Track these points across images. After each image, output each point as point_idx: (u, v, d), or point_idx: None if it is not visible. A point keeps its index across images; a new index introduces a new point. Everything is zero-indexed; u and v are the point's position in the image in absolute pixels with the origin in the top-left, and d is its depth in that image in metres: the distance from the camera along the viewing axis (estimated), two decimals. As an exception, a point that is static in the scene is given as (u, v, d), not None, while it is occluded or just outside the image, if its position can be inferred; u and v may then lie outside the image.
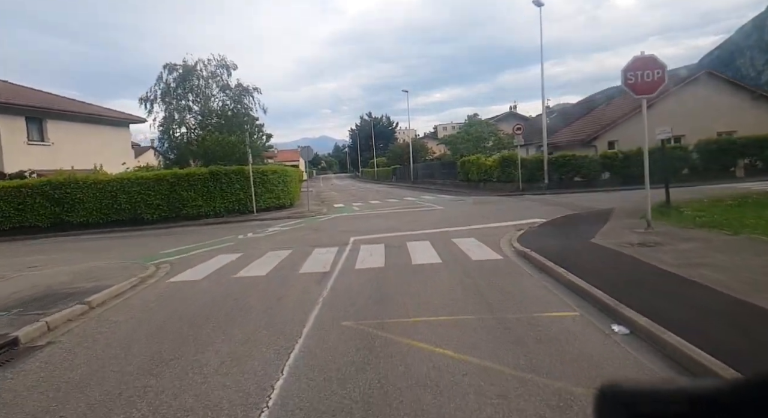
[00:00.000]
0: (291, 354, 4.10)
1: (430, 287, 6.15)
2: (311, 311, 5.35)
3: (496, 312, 4.96)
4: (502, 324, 4.57)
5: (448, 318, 4.87)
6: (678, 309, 4.37)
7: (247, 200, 17.91)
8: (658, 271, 5.83)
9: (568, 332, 4.26)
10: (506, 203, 17.89)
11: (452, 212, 16.04)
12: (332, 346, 4.24)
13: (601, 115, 28.56)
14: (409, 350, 4.04)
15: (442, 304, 5.39)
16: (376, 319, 4.93)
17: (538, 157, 23.23)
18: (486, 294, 5.67)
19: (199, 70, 34.09)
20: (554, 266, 6.50)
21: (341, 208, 21.28)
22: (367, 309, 5.35)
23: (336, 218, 16.29)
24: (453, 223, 12.82)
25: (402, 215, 15.81)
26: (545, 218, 12.32)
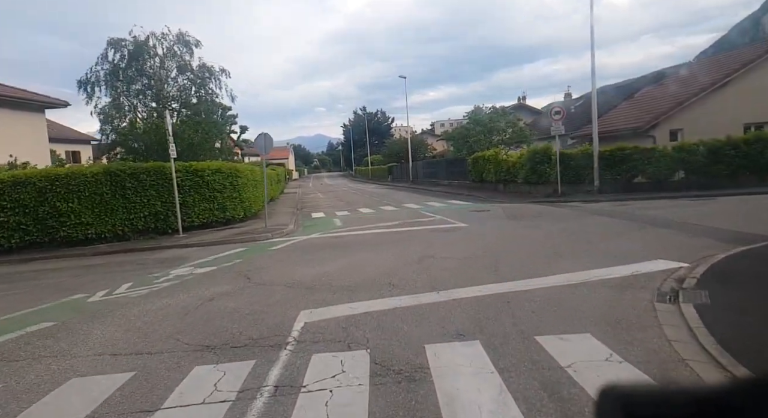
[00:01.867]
0: None
1: None
2: None
3: None
4: None
5: None
6: None
7: (167, 214, 11.86)
8: None
9: None
10: (560, 218, 11.90)
11: (485, 234, 10.03)
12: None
13: (650, 99, 22.65)
14: None
15: None
16: None
17: (584, 152, 17.30)
18: None
19: (152, 45, 27.90)
20: None
21: (317, 222, 15.23)
22: None
23: (297, 248, 10.25)
24: (502, 266, 6.84)
25: (404, 242, 9.79)
26: (675, 255, 6.49)
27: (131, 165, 11.86)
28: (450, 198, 21.58)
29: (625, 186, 16.66)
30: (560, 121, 17.75)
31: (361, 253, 8.70)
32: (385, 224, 12.80)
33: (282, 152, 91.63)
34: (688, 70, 22.74)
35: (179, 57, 28.86)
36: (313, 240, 10.81)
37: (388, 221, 13.46)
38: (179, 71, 29.12)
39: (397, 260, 7.78)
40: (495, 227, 11.02)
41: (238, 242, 10.93)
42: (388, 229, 11.83)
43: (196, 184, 12.52)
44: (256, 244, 10.68)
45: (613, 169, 16.61)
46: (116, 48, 27.64)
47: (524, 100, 52.20)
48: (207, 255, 9.49)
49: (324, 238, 11.04)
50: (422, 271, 6.90)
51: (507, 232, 10.08)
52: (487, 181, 23.95)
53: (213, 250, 10.10)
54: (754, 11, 44.91)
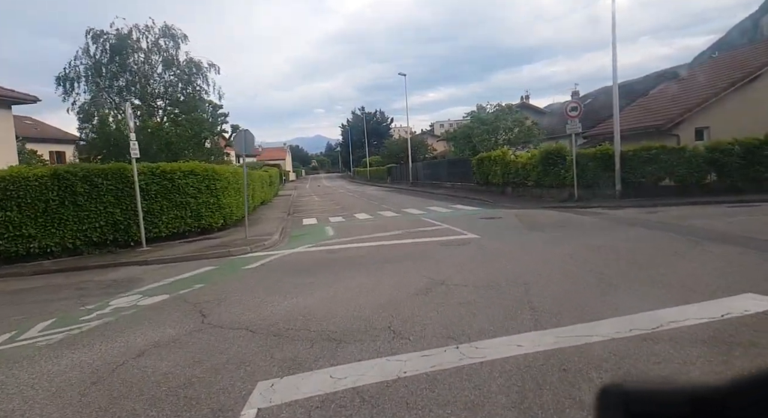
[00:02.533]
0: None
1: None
2: None
3: None
4: None
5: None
6: None
7: (129, 224, 10.13)
8: None
9: None
10: (589, 229, 10.21)
11: (504, 251, 8.32)
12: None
13: (669, 96, 20.99)
14: None
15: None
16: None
17: (604, 152, 15.62)
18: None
19: (135, 39, 26.17)
20: None
21: (307, 230, 13.53)
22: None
23: (276, 267, 8.55)
24: (538, 300, 5.13)
25: (407, 261, 8.09)
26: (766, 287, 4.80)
27: (84, 166, 10.13)
28: (454, 202, 19.90)
29: (650, 190, 14.98)
30: (577, 118, 16.09)
31: (353, 276, 6.98)
32: (384, 235, 11.10)
33: (279, 153, 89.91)
34: (711, 65, 21.12)
35: (165, 51, 27.22)
36: (297, 256, 9.09)
37: (387, 231, 11.75)
38: (165, 66, 27.45)
39: (399, 288, 6.07)
40: (513, 240, 9.31)
41: (208, 258, 9.21)
42: (387, 241, 10.12)
43: (165, 189, 10.80)
44: (229, 261, 8.96)
45: (636, 171, 14.94)
46: (97, 41, 25.97)
47: (527, 100, 50.58)
48: (166, 276, 7.77)
49: (311, 253, 9.33)
50: (432, 306, 5.20)
51: (530, 247, 8.36)
52: (493, 183, 22.28)
53: (175, 269, 8.37)
54: (753, 12, 44.13)
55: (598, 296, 5.25)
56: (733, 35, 51.37)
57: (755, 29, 46.38)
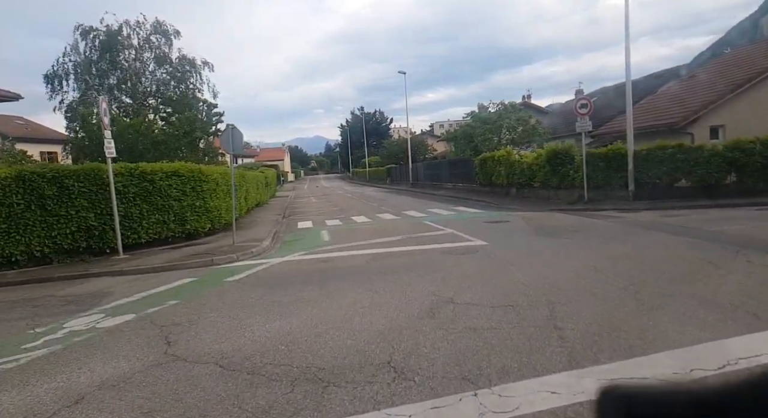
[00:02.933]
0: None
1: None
2: None
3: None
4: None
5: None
6: None
7: (104, 229, 9.27)
8: None
9: None
10: (607, 235, 9.36)
11: (517, 261, 7.45)
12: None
13: (680, 94, 20.17)
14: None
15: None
16: None
17: (616, 151, 14.77)
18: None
19: (126, 35, 25.31)
20: None
21: (301, 235, 12.68)
22: None
23: (262, 280, 7.70)
24: (567, 326, 4.28)
25: (409, 273, 7.24)
26: None
27: (53, 167, 9.27)
28: (456, 204, 19.05)
29: (664, 191, 14.13)
30: (587, 116, 15.24)
31: (347, 290, 6.12)
32: (383, 241, 10.24)
33: (277, 153, 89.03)
34: (724, 62, 20.31)
35: (157, 48, 26.37)
36: (287, 266, 8.22)
37: (387, 236, 10.90)
38: (157, 64, 26.61)
39: (400, 308, 5.22)
40: (525, 247, 8.44)
41: (190, 268, 8.34)
42: (387, 248, 9.26)
43: (145, 191, 9.93)
44: (212, 271, 8.10)
45: (651, 171, 14.09)
46: (86, 38, 25.12)
47: (529, 99, 49.78)
48: (138, 290, 6.91)
49: (303, 262, 8.46)
50: (440, 333, 4.35)
51: (546, 256, 7.50)
52: (496, 184, 21.45)
53: (151, 281, 7.51)
54: (753, 13, 43.67)
55: (638, 320, 4.40)
56: (732, 35, 51.27)
57: (755, 29, 46.10)
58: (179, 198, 10.66)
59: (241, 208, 15.69)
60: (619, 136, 19.26)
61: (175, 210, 10.51)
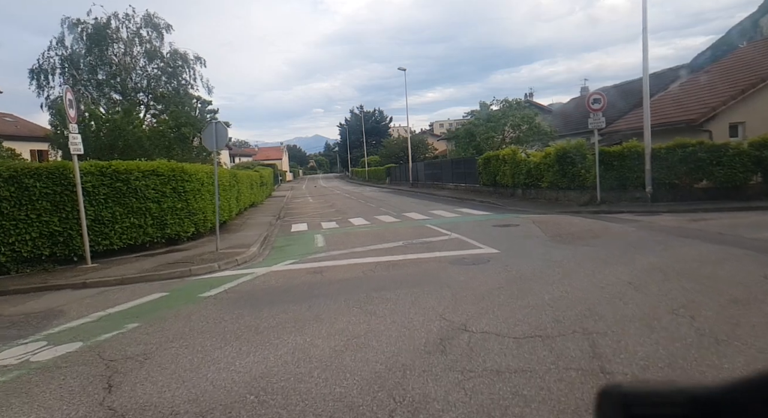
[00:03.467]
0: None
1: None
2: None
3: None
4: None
5: None
6: None
7: (71, 235, 8.29)
8: None
9: None
10: (631, 242, 8.38)
11: (536, 275, 6.47)
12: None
13: (696, 90, 19.20)
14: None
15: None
16: None
17: (631, 149, 13.81)
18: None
19: (115, 28, 24.32)
20: None
21: (293, 240, 11.72)
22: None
23: (242, 296, 6.74)
24: (616, 368, 3.31)
25: (412, 289, 6.29)
26: None
27: (11, 165, 8.25)
28: (460, 205, 18.09)
29: (685, 192, 13.18)
30: (600, 112, 14.29)
31: (338, 312, 5.15)
32: (382, 247, 9.28)
33: (275, 153, 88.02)
34: (743, 54, 19.35)
35: (147, 42, 25.39)
36: (274, 278, 7.24)
37: (386, 242, 9.93)
38: (148, 59, 25.63)
39: (402, 338, 4.25)
40: (543, 256, 7.47)
41: (163, 279, 7.37)
42: (386, 256, 8.29)
43: (118, 192, 8.95)
44: (187, 284, 7.13)
45: (670, 171, 13.13)
46: (74, 31, 24.13)
47: (531, 97, 48.84)
48: (97, 308, 5.94)
49: (291, 273, 7.49)
50: (455, 379, 3.38)
51: (570, 268, 6.53)
52: (501, 185, 20.50)
53: (115, 296, 6.54)
54: (753, 12, 43.06)
55: (704, 359, 3.44)
56: (732, 35, 50.76)
57: (755, 29, 45.46)
58: (158, 200, 9.68)
59: (230, 210, 14.72)
60: (628, 135, 18.32)
61: (153, 213, 9.54)
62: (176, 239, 10.35)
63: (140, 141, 14.84)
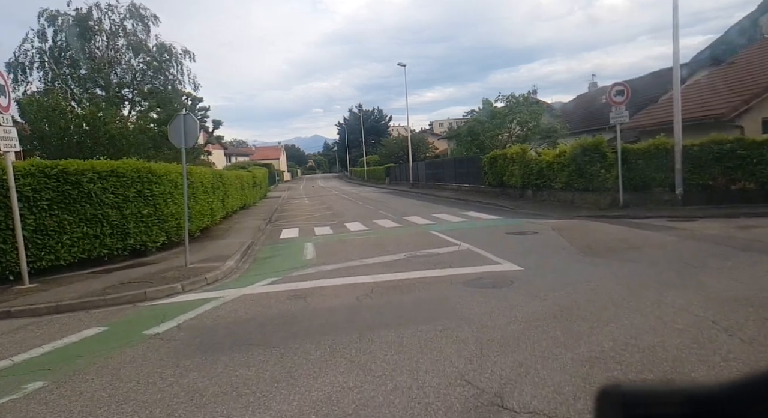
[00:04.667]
0: None
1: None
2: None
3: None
4: None
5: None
6: None
7: (2, 249, 6.86)
8: None
9: None
10: (684, 256, 6.96)
11: (577, 305, 5.05)
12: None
13: (719, 83, 17.80)
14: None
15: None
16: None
17: (658, 146, 12.40)
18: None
19: (97, 20, 22.87)
20: None
21: (279, 250, 10.31)
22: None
23: (199, 334, 5.29)
24: None
25: (420, 326, 4.88)
26: None
27: None
28: (465, 208, 16.69)
29: (721, 194, 11.77)
30: (623, 105, 12.87)
31: (322, 367, 3.73)
32: (381, 261, 7.86)
33: (273, 152, 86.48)
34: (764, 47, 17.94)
35: (133, 35, 23.94)
36: (245, 305, 5.80)
37: (386, 253, 8.51)
38: (134, 52, 24.18)
39: (410, 413, 2.84)
40: (580, 277, 6.03)
41: (110, 306, 5.94)
42: (386, 274, 6.86)
43: (66, 197, 7.52)
44: (136, 313, 5.70)
45: (703, 170, 11.73)
46: (53, 23, 22.69)
47: (535, 95, 47.35)
48: (2, 354, 4.51)
49: (269, 298, 6.05)
50: None
51: (621, 297, 5.08)
52: (508, 185, 19.10)
53: (38, 331, 5.10)
54: (752, 12, 42.24)
55: None
56: (731, 35, 50.13)
57: (754, 28, 44.63)
58: (119, 205, 8.25)
59: (213, 214, 13.30)
60: (645, 132, 16.95)
61: (112, 221, 8.11)
62: (143, 251, 8.92)
63: (114, 139, 13.37)
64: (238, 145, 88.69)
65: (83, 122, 13.46)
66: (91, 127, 13.38)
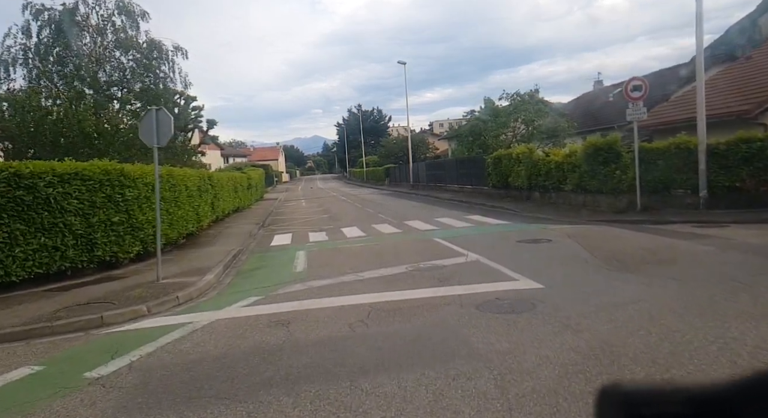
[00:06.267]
0: None
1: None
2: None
3: None
4: None
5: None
6: None
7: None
8: None
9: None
10: (745, 275, 6.01)
11: (628, 341, 4.11)
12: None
13: (737, 78, 16.89)
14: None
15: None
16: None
17: (680, 145, 11.47)
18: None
19: (84, 15, 21.92)
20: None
21: (267, 260, 9.39)
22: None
23: (147, 382, 4.34)
24: None
25: (426, 365, 3.96)
26: None
27: None
28: (469, 211, 15.77)
29: (748, 198, 10.84)
30: (641, 100, 11.96)
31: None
32: (380, 275, 6.92)
33: (271, 153, 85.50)
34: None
35: (122, 31, 22.98)
36: (215, 334, 4.84)
37: (385, 266, 7.57)
38: (124, 50, 23.22)
39: None
40: (613, 298, 5.10)
41: (56, 334, 5.01)
42: (386, 294, 5.93)
43: (19, 203, 6.58)
44: (85, 345, 4.76)
45: (730, 171, 10.80)
46: (38, 18, 21.73)
47: (537, 94, 46.38)
48: None
49: (244, 325, 5.10)
50: None
51: (671, 327, 4.15)
52: (514, 187, 18.18)
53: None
54: (751, 12, 42.05)
55: None
56: (730, 35, 49.96)
57: (754, 28, 44.42)
58: (84, 212, 7.33)
59: (200, 219, 12.37)
60: (658, 132, 16.05)
61: (75, 230, 7.18)
62: (113, 263, 7.99)
63: (89, 138, 12.35)
64: (236, 146, 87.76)
65: (55, 119, 12.38)
66: (64, 125, 12.38)
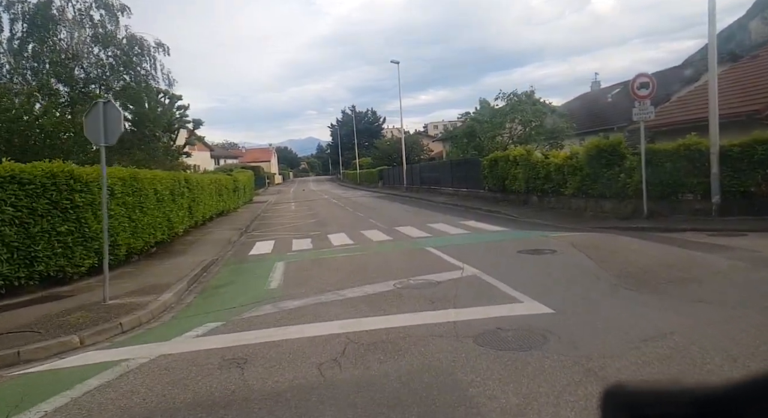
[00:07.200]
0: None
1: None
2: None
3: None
4: None
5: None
6: None
7: None
8: None
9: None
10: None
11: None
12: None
13: (743, 78, 16.20)
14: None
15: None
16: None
17: (689, 147, 10.67)
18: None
19: (60, 8, 20.85)
20: None
21: (244, 272, 8.46)
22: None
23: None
24: None
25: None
26: None
27: None
28: (464, 216, 14.91)
29: (762, 204, 10.05)
30: (649, 99, 11.16)
31: None
32: (363, 294, 6.00)
33: (263, 154, 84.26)
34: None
35: (101, 26, 21.94)
36: (149, 380, 3.86)
37: (370, 281, 6.65)
38: (103, 45, 22.18)
39: None
40: (637, 328, 4.22)
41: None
42: (367, 320, 5.01)
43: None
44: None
45: (744, 175, 10.01)
46: (9, 11, 20.65)
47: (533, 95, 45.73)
48: None
49: (191, 366, 4.13)
50: None
51: (720, 370, 3.30)
52: (511, 190, 17.36)
53: None
54: (741, 17, 42.56)
55: None
56: (720, 39, 50.10)
57: (744, 33, 44.75)
58: (21, 220, 6.36)
59: (173, 226, 11.39)
60: (661, 133, 15.26)
61: (10, 242, 6.21)
62: (61, 278, 7.01)
63: (50, 137, 11.30)
64: (227, 147, 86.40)
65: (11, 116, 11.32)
66: (22, 123, 11.35)
